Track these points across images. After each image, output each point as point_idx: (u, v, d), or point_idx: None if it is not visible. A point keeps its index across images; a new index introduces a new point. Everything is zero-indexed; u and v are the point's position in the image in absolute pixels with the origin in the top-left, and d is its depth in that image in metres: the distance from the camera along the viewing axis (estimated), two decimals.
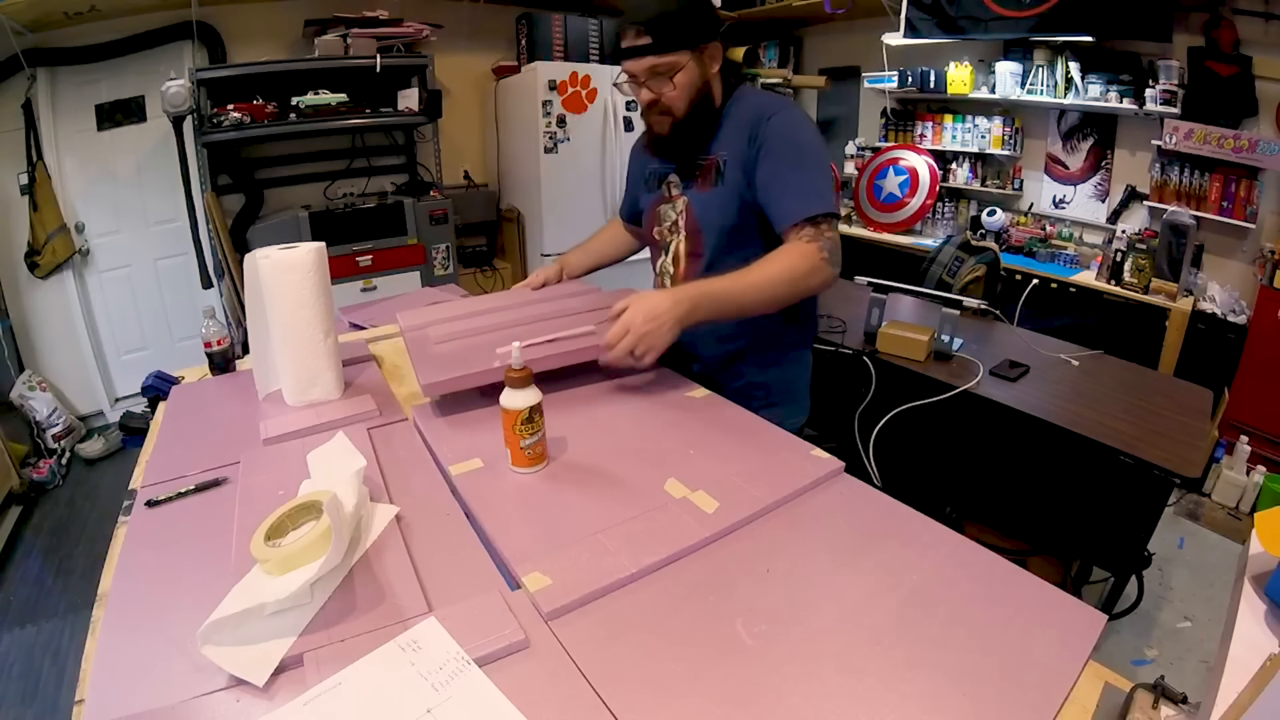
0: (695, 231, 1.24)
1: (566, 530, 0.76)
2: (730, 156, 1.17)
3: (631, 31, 1.11)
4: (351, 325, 1.72)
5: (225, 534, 0.76)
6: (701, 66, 1.14)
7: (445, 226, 3.50)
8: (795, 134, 1.13)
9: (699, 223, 1.24)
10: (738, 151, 1.16)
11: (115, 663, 0.60)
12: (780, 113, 1.14)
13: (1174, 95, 2.95)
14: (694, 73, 1.14)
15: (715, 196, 1.20)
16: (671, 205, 1.29)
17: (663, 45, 1.10)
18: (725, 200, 1.19)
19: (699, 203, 1.23)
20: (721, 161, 1.18)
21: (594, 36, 3.74)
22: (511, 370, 0.86)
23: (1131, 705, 0.56)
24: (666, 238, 1.31)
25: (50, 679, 1.87)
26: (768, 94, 1.26)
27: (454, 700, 0.54)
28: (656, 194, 1.32)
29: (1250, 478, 2.62)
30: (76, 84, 3.02)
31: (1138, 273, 2.96)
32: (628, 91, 1.20)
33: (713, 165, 1.20)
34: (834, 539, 0.75)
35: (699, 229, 1.24)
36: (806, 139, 1.15)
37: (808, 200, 1.09)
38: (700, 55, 1.13)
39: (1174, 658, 1.91)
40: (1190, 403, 1.80)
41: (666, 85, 1.13)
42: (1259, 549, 0.68)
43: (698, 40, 1.13)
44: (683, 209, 1.26)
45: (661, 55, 1.10)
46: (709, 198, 1.21)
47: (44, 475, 2.81)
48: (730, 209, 1.18)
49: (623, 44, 1.13)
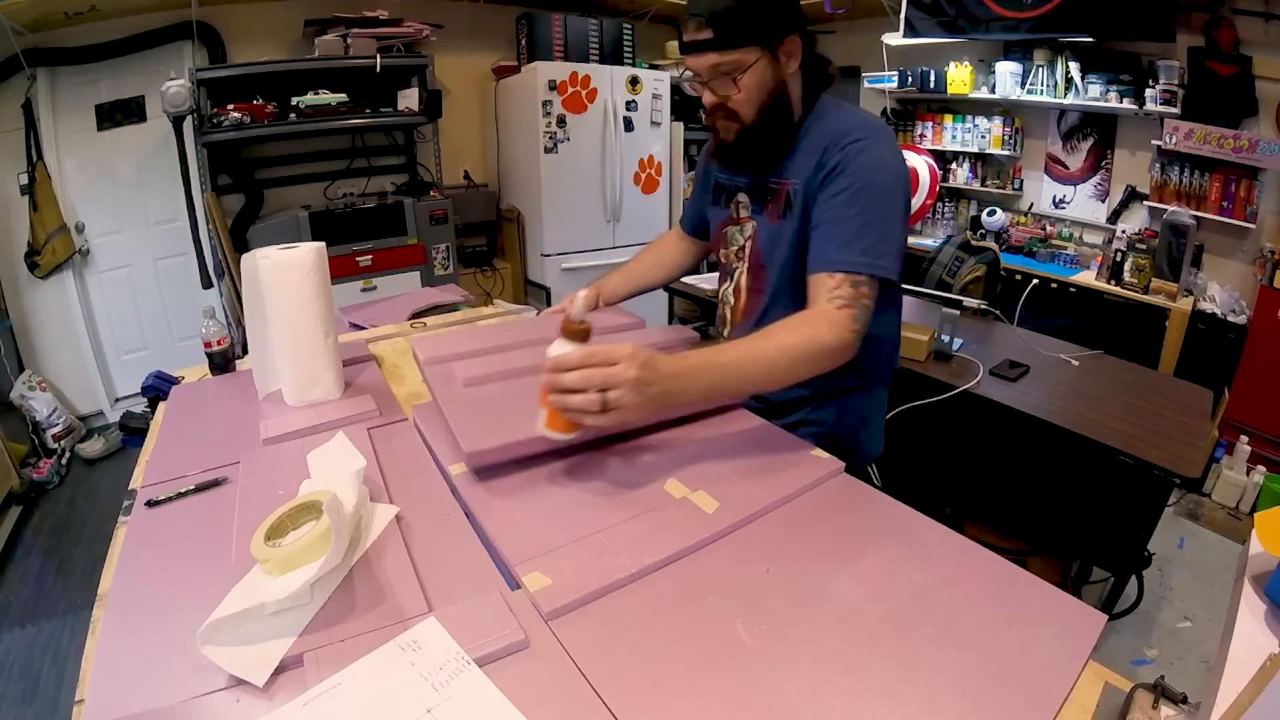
0: (758, 265, 1.10)
1: (566, 530, 0.76)
2: (801, 184, 1.00)
3: (692, 24, 0.94)
4: (351, 325, 1.72)
5: (225, 534, 0.76)
6: (775, 66, 0.97)
7: (445, 226, 3.50)
8: (873, 169, 0.94)
9: (763, 256, 1.08)
10: (807, 178, 0.99)
11: (115, 663, 0.60)
12: (864, 140, 0.94)
13: (1174, 95, 2.95)
14: (764, 73, 0.96)
15: (784, 230, 1.03)
16: (740, 229, 1.13)
17: (726, 40, 0.93)
18: (791, 235, 1.02)
19: (766, 233, 1.07)
20: (792, 190, 1.02)
21: (594, 36, 3.74)
22: (570, 323, 0.76)
23: (1131, 705, 0.56)
24: (732, 263, 1.16)
25: (50, 679, 1.87)
26: (861, 112, 1.05)
27: (454, 700, 0.54)
28: (724, 213, 1.16)
29: (1250, 478, 2.62)
30: (76, 84, 3.02)
31: (1138, 273, 2.96)
32: (693, 90, 1.04)
33: (784, 191, 1.04)
34: (834, 539, 0.75)
35: (762, 263, 1.09)
36: (886, 183, 0.95)
37: (852, 253, 0.92)
38: (774, 52, 0.96)
39: (1174, 658, 1.91)
40: (1190, 403, 1.80)
41: (731, 87, 0.96)
42: (1259, 549, 0.68)
43: (770, 35, 0.95)
44: (751, 235, 1.11)
45: (725, 52, 0.94)
46: (776, 230, 1.05)
47: (44, 475, 2.81)
48: (795, 245, 1.02)
49: (684, 37, 0.97)
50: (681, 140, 4.15)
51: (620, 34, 3.84)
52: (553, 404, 0.76)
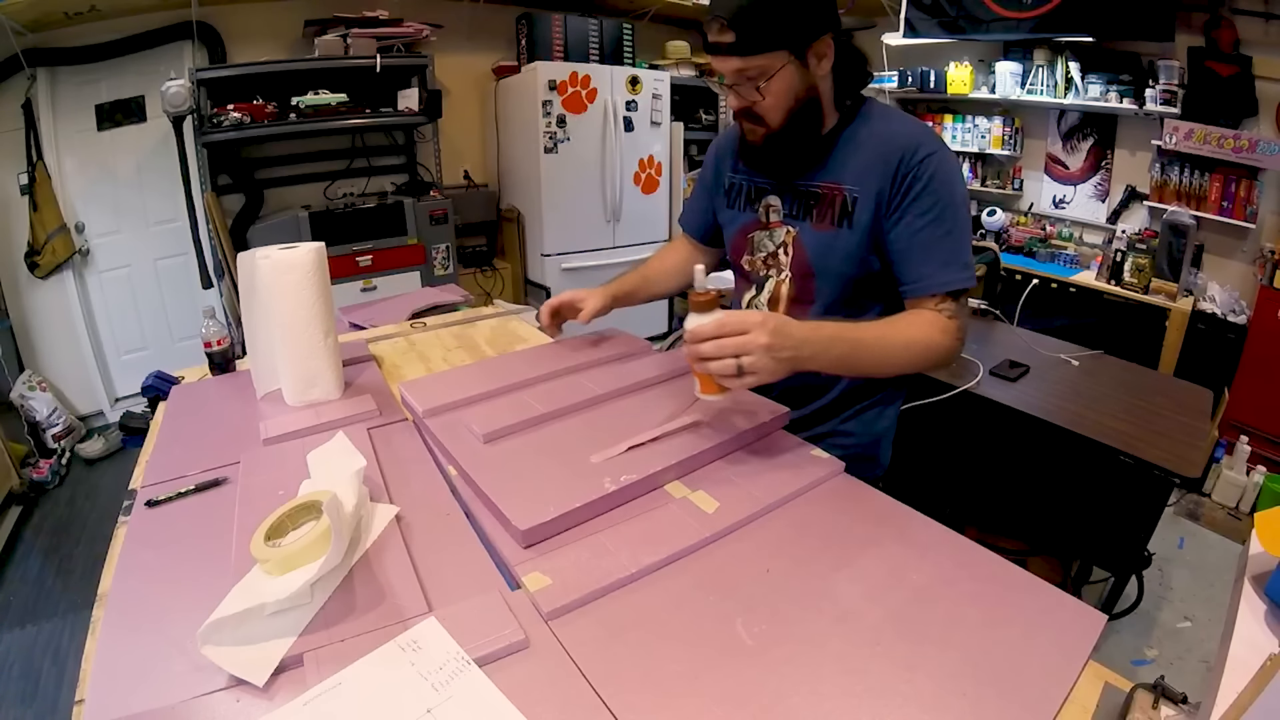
0: (807, 274, 1.03)
1: (568, 530, 0.76)
2: (864, 194, 0.96)
3: (715, 25, 0.89)
4: (351, 325, 1.72)
5: (225, 534, 0.76)
6: (803, 70, 0.92)
7: (445, 226, 3.50)
8: (950, 184, 0.93)
9: (812, 265, 1.02)
10: (877, 189, 0.95)
11: (115, 663, 0.60)
12: (936, 153, 0.93)
13: (1174, 95, 2.95)
14: (792, 78, 0.91)
15: (841, 240, 0.99)
16: (769, 234, 1.07)
17: (750, 45, 0.88)
18: (854, 246, 0.98)
19: (816, 242, 1.02)
20: (849, 197, 0.97)
21: (594, 36, 3.74)
22: (696, 295, 0.80)
23: (1131, 705, 0.56)
24: (760, 270, 1.10)
25: (50, 679, 1.87)
26: (911, 119, 1.02)
27: (454, 700, 0.54)
28: (748, 215, 1.10)
29: (1250, 478, 2.62)
30: (76, 84, 3.02)
31: (1138, 273, 2.96)
32: (719, 90, 0.99)
33: (837, 199, 0.98)
34: (834, 539, 0.75)
35: (812, 273, 1.03)
36: (961, 194, 0.95)
37: (954, 271, 0.93)
38: (802, 56, 0.91)
39: (1174, 658, 1.91)
40: (1190, 403, 1.80)
41: (756, 92, 0.93)
42: (1259, 549, 0.68)
43: (797, 37, 0.89)
44: (786, 241, 1.05)
45: (748, 57, 0.89)
46: (830, 239, 1.00)
47: (44, 475, 2.81)
48: (856, 258, 0.98)
49: (708, 37, 0.92)
50: (681, 140, 4.15)
51: (620, 34, 3.84)
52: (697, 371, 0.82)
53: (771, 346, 0.77)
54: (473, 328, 1.61)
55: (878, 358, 0.91)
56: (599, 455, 0.86)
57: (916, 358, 0.92)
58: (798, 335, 0.81)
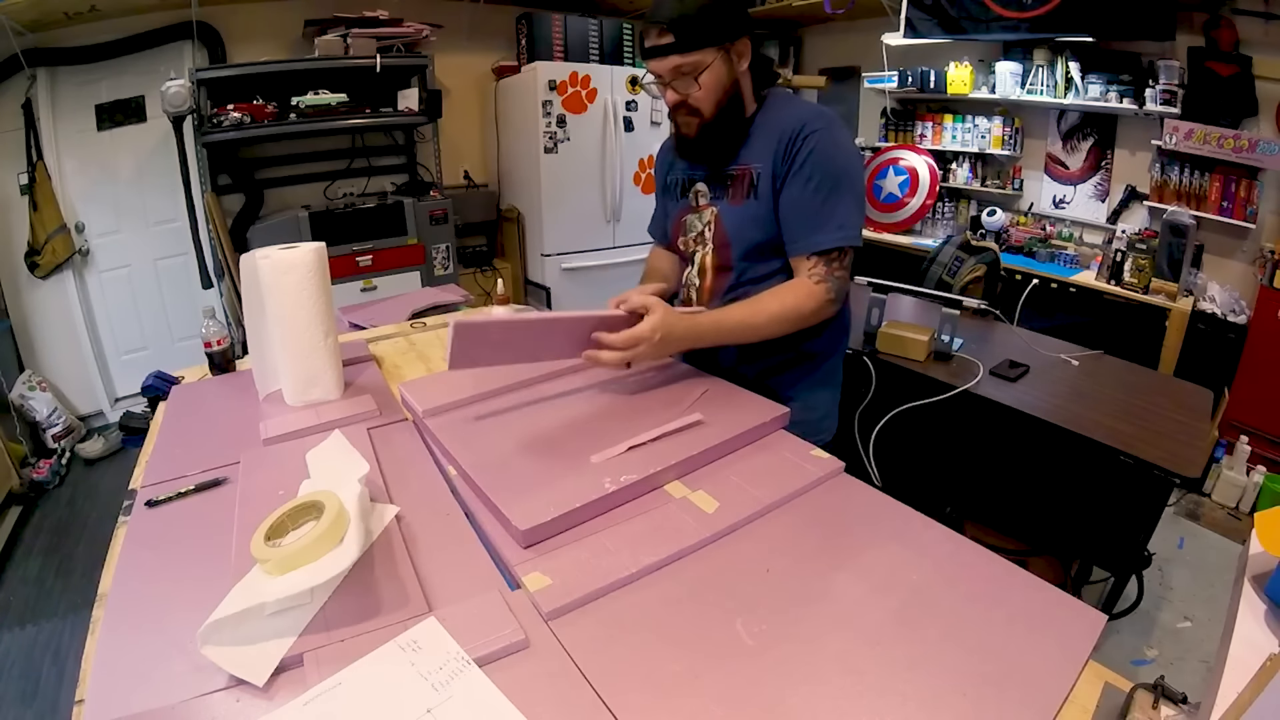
0: (724, 245, 1.19)
1: (568, 530, 0.76)
2: (764, 169, 1.12)
3: (654, 30, 1.05)
4: (351, 325, 1.72)
5: (225, 534, 0.76)
6: (729, 65, 1.08)
7: (445, 226, 3.50)
8: (831, 155, 1.07)
9: (729, 236, 1.18)
10: (772, 163, 1.10)
11: (115, 663, 0.60)
12: (821, 130, 1.07)
13: (1174, 95, 2.95)
14: (721, 71, 1.08)
15: (748, 210, 1.14)
16: (698, 215, 1.23)
17: (686, 44, 1.04)
18: (758, 215, 1.13)
19: (730, 215, 1.17)
20: (755, 173, 1.13)
21: (594, 36, 3.74)
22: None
23: (1131, 705, 0.56)
24: (692, 248, 1.25)
25: (50, 679, 1.87)
26: (807, 103, 1.18)
27: (454, 700, 0.54)
28: (683, 203, 1.26)
29: (1250, 478, 2.62)
30: (76, 84, 3.02)
31: (1138, 273, 2.96)
32: (655, 92, 1.15)
33: (745, 176, 1.14)
34: (834, 539, 0.75)
35: (728, 242, 1.18)
36: (843, 163, 1.09)
37: (826, 232, 1.07)
38: (728, 53, 1.07)
39: (1174, 658, 1.90)
40: (1190, 403, 1.80)
41: (692, 85, 1.07)
42: (1259, 549, 0.68)
43: (724, 37, 1.06)
44: (710, 220, 1.20)
45: (685, 54, 1.05)
46: (741, 211, 1.15)
47: (44, 475, 2.81)
48: (763, 224, 1.13)
49: (646, 43, 1.08)
50: None
51: (620, 34, 3.84)
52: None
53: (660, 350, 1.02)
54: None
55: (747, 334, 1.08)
56: (599, 455, 0.86)
57: (787, 324, 1.08)
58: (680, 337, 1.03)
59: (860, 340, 2.07)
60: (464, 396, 1.03)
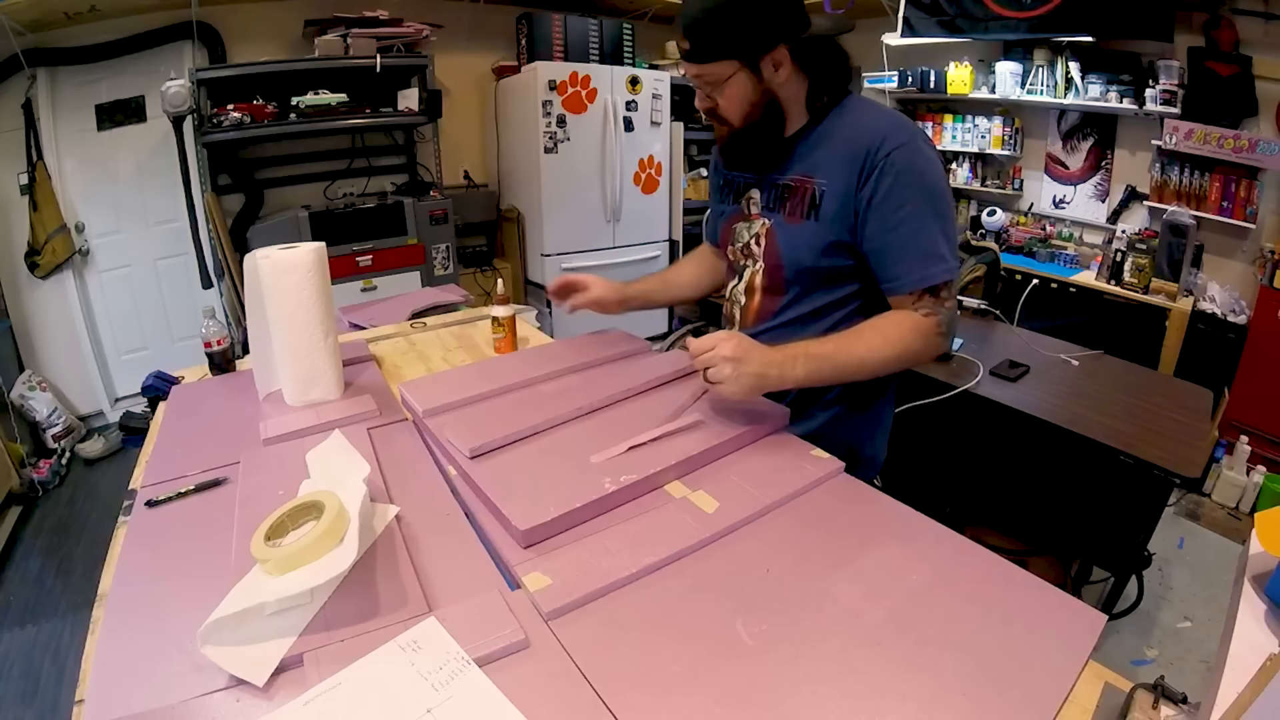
0: (776, 266, 1.06)
1: (568, 530, 0.76)
2: (831, 187, 0.97)
3: (679, 33, 0.96)
4: (351, 325, 1.72)
5: (225, 534, 0.76)
6: (756, 79, 0.95)
7: (445, 226, 3.50)
8: (922, 177, 0.92)
9: (782, 257, 1.04)
10: (844, 183, 0.96)
11: (115, 663, 0.60)
12: (906, 144, 0.92)
13: (1174, 95, 2.95)
14: (745, 85, 0.95)
15: (807, 232, 1.00)
16: (748, 225, 1.10)
17: (701, 53, 0.94)
18: (820, 238, 0.99)
19: (786, 234, 1.03)
20: (819, 191, 0.98)
21: (594, 36, 3.74)
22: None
23: (1131, 705, 0.56)
24: (740, 260, 1.13)
25: (50, 679, 1.87)
26: (885, 111, 1.02)
27: (454, 700, 0.54)
28: (734, 208, 1.13)
29: (1250, 478, 2.62)
30: (76, 84, 3.02)
31: (1138, 273, 2.96)
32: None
33: (806, 192, 1.00)
34: (834, 539, 0.75)
35: (781, 264, 1.05)
36: (934, 183, 0.94)
37: (931, 265, 0.93)
38: (755, 65, 0.94)
39: (1174, 658, 1.91)
40: (1190, 403, 1.80)
41: (717, 94, 0.98)
42: (1259, 549, 0.68)
43: (746, 49, 0.93)
44: (760, 232, 1.07)
45: (701, 65, 0.95)
46: (799, 231, 1.01)
47: (44, 475, 2.81)
48: (821, 250, 0.99)
49: (678, 44, 0.98)
50: (681, 140, 4.15)
51: (620, 34, 3.84)
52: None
53: (734, 359, 0.87)
54: (473, 328, 1.61)
55: (847, 369, 0.94)
56: (599, 455, 0.86)
57: (890, 362, 0.95)
58: (760, 357, 0.89)
59: None
60: (464, 396, 1.02)
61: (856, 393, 1.09)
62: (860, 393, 1.09)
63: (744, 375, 0.87)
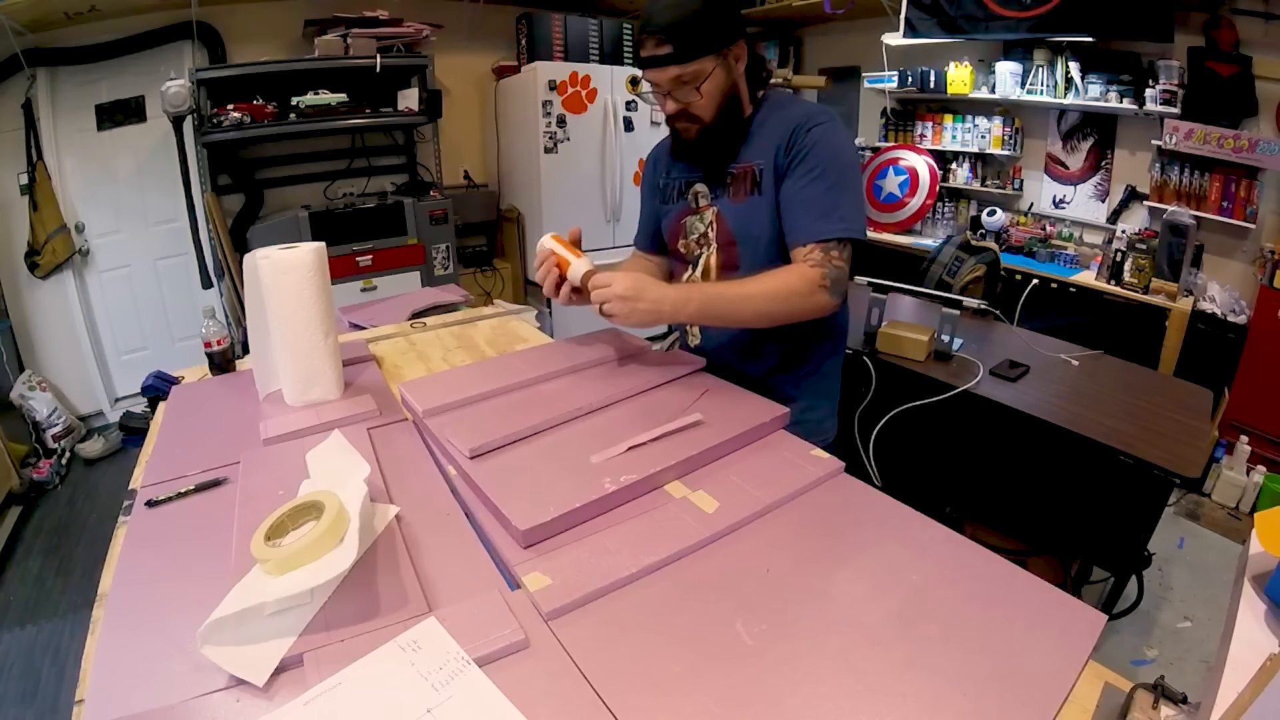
0: (729, 243, 1.17)
1: (568, 530, 0.76)
2: (766, 165, 1.10)
3: (651, 40, 1.03)
4: (351, 325, 1.72)
5: (225, 534, 0.76)
6: (728, 69, 1.07)
7: (445, 226, 3.50)
8: (832, 149, 1.06)
9: (734, 234, 1.16)
10: (774, 160, 1.09)
11: (115, 663, 0.60)
12: (823, 124, 1.07)
13: (1174, 95, 2.95)
14: (720, 78, 1.06)
15: (752, 207, 1.13)
16: (699, 216, 1.20)
17: (685, 53, 1.02)
18: (762, 210, 1.12)
19: (733, 213, 1.15)
20: (758, 170, 1.12)
21: (594, 36, 3.74)
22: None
23: (1131, 705, 0.56)
24: (694, 251, 1.22)
25: (50, 679, 1.87)
26: (809, 103, 1.19)
27: (454, 700, 0.54)
28: (680, 205, 1.24)
29: (1250, 478, 2.62)
30: (76, 84, 3.02)
31: (1138, 273, 2.96)
32: (652, 101, 1.13)
33: (748, 174, 1.13)
34: (834, 539, 0.75)
35: (733, 240, 1.16)
36: (846, 158, 1.09)
37: (826, 221, 1.04)
38: (725, 58, 1.06)
39: (1174, 658, 1.91)
40: (1190, 403, 1.80)
41: (693, 94, 1.06)
42: (1259, 549, 0.68)
43: (722, 43, 1.04)
44: (712, 220, 1.18)
45: (685, 64, 1.03)
46: (745, 208, 1.14)
47: (44, 475, 2.81)
48: (768, 220, 1.11)
49: (642, 53, 1.06)
50: None
51: (620, 34, 3.84)
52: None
53: (626, 297, 0.98)
54: (473, 328, 1.61)
55: (738, 307, 1.04)
56: (599, 455, 0.86)
57: (775, 302, 1.04)
58: (654, 294, 1.00)
59: (860, 340, 2.07)
60: (464, 396, 1.02)
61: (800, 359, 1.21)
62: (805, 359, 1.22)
63: (636, 310, 0.99)
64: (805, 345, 1.21)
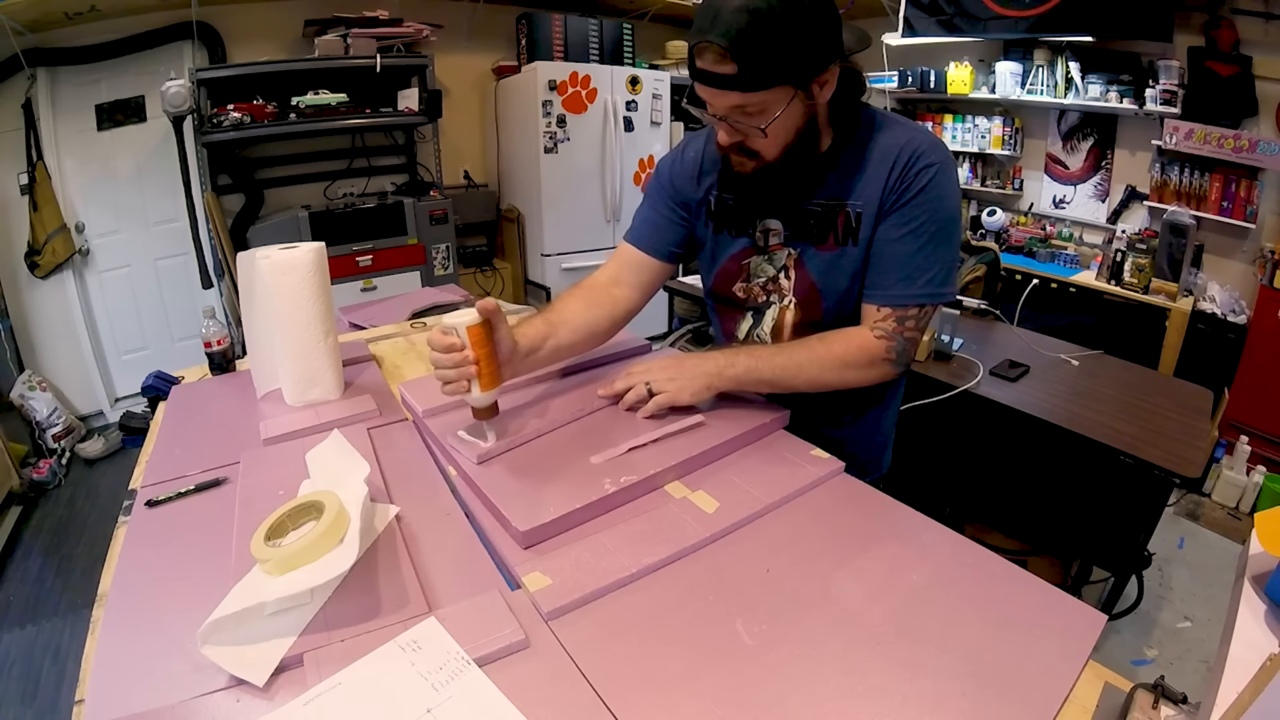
0: (813, 299, 0.98)
1: (567, 531, 0.76)
2: (867, 208, 0.91)
3: (710, 52, 0.77)
4: (351, 325, 1.72)
5: (225, 534, 0.76)
6: (807, 103, 0.84)
7: (445, 226, 3.50)
8: (937, 198, 0.89)
9: (819, 288, 0.97)
10: (877, 201, 0.90)
11: (115, 663, 0.60)
12: (938, 165, 0.88)
13: (1174, 95, 2.95)
14: (795, 113, 0.83)
15: (846, 258, 0.94)
16: (769, 258, 1.01)
17: (753, 79, 0.78)
18: (860, 263, 0.94)
19: (819, 263, 0.96)
20: (853, 214, 0.92)
21: (594, 36, 3.74)
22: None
23: (1131, 705, 0.56)
24: (759, 297, 1.03)
25: (50, 679, 1.87)
26: (917, 127, 0.94)
27: (454, 700, 0.54)
28: (742, 241, 1.02)
29: (1250, 478, 2.62)
30: (76, 84, 3.02)
31: (1138, 273, 2.96)
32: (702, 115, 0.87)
33: (839, 216, 0.93)
34: (834, 539, 0.75)
35: (817, 294, 0.97)
36: (950, 209, 0.90)
37: (908, 286, 0.90)
38: (807, 88, 0.82)
39: (1174, 658, 1.91)
40: (1190, 403, 1.80)
41: (755, 130, 0.83)
42: (1259, 549, 0.67)
43: (806, 72, 0.80)
44: (787, 264, 0.99)
45: (751, 93, 0.79)
46: (836, 259, 0.95)
47: (44, 475, 2.81)
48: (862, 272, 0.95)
49: (698, 63, 0.80)
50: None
51: (620, 34, 3.84)
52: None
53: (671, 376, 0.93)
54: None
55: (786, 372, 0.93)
56: (599, 456, 0.86)
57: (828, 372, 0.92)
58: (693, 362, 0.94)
59: None
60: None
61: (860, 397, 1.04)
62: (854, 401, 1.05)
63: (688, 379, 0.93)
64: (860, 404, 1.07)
